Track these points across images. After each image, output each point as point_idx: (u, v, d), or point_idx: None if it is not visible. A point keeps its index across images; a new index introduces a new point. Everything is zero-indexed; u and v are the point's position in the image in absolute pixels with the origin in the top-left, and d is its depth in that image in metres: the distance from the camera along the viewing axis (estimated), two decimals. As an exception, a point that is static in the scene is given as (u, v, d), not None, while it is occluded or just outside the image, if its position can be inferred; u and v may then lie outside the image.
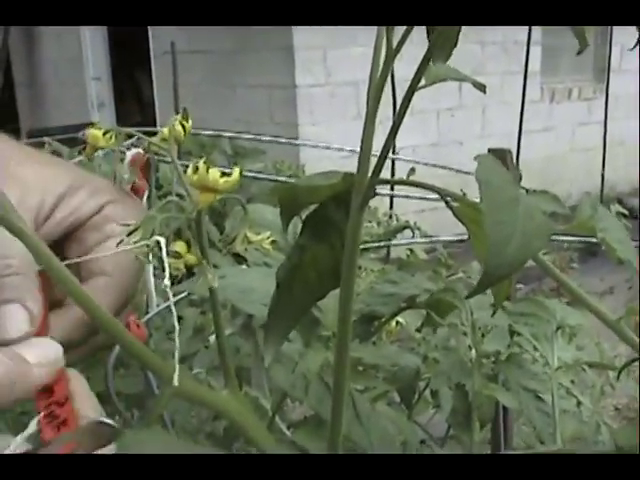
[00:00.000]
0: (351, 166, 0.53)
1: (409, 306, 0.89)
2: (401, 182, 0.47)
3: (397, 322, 1.11)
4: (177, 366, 0.47)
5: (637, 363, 0.57)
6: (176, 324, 0.44)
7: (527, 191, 0.41)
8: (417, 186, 0.47)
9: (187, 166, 0.54)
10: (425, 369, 1.11)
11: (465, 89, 6.40)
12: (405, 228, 1.15)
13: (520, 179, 0.39)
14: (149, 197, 0.81)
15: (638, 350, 0.50)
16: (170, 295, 0.43)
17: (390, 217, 2.59)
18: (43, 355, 0.47)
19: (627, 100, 7.15)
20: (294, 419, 1.21)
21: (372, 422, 0.65)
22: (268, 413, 0.77)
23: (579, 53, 0.41)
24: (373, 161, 0.48)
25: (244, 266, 0.88)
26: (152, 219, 0.44)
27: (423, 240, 1.33)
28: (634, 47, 0.41)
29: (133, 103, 8.44)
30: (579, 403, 1.19)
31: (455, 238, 1.24)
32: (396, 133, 0.44)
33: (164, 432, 0.50)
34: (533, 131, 6.38)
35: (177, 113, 0.58)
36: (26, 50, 8.31)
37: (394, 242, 1.18)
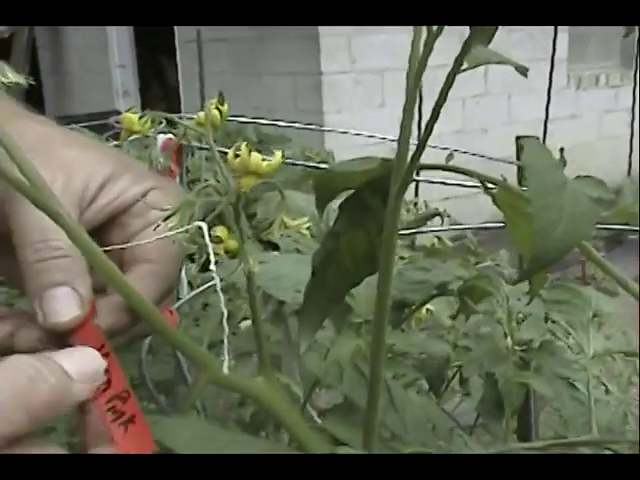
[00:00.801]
0: (377, 154, 0.52)
1: (440, 293, 0.89)
2: (441, 167, 0.47)
3: (427, 309, 1.10)
4: (226, 355, 0.46)
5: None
6: (224, 310, 0.43)
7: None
8: (457, 172, 0.47)
9: (221, 152, 0.53)
10: (454, 357, 1.11)
11: (491, 76, 6.36)
12: (435, 215, 1.14)
13: (565, 165, 0.39)
14: (180, 182, 0.81)
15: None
16: (217, 280, 0.43)
17: (415, 205, 2.59)
18: (85, 368, 0.44)
19: (654, 87, 7.08)
20: (321, 407, 1.21)
21: (407, 408, 0.64)
22: (299, 400, 0.77)
23: (625, 36, 0.40)
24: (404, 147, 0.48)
25: (275, 253, 0.88)
26: (190, 204, 0.44)
27: (452, 227, 1.33)
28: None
29: (158, 91, 8.47)
30: (607, 392, 1.18)
31: (484, 225, 1.23)
32: (437, 118, 0.44)
33: (200, 419, 0.50)
34: (559, 118, 6.35)
35: (203, 101, 0.57)
36: (51, 38, 8.34)
37: (426, 229, 1.17)
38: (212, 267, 0.42)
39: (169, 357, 1.15)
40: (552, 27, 5.24)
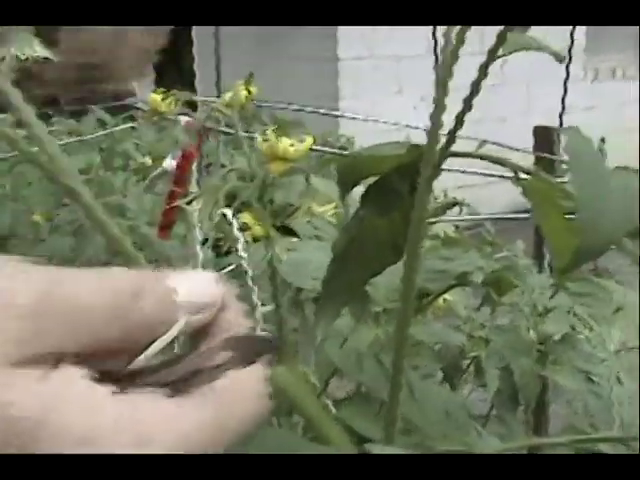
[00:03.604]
0: (392, 140, 0.51)
1: (460, 283, 0.87)
2: (473, 155, 0.45)
3: (444, 299, 1.09)
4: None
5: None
6: (255, 299, 0.42)
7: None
8: (487, 160, 0.46)
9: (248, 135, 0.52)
10: (470, 348, 1.10)
11: (509, 65, 6.32)
12: (454, 205, 1.13)
13: (605, 156, 0.37)
14: (198, 167, 0.80)
15: None
16: (246, 266, 0.42)
17: (432, 193, 2.57)
18: (197, 294, 0.39)
19: (672, 80, 7.06)
20: (334, 395, 1.20)
21: (428, 401, 0.63)
22: (315, 389, 0.75)
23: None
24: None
25: (294, 239, 0.87)
26: (215, 188, 0.42)
27: (471, 217, 1.31)
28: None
29: (173, 73, 8.45)
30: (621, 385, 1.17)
31: (504, 216, 1.22)
32: (470, 106, 0.43)
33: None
34: (576, 109, 6.31)
35: (219, 83, 0.56)
36: (68, 18, 8.31)
37: (447, 218, 1.16)
38: (242, 254, 0.41)
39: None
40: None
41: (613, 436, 0.62)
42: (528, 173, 0.44)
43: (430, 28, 0.45)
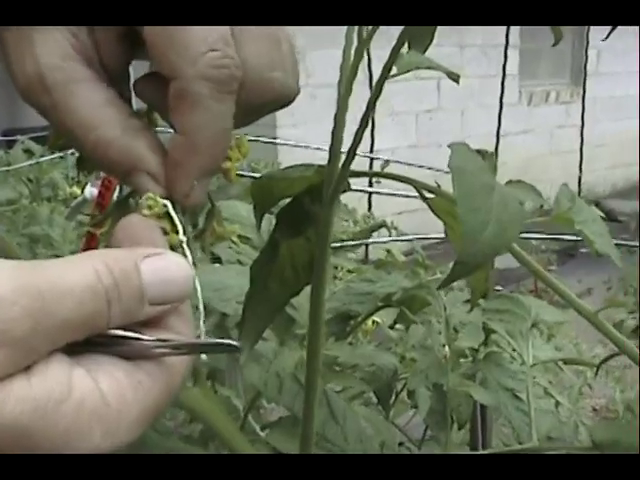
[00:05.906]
0: None
1: (386, 305, 0.88)
2: (376, 174, 0.46)
3: (373, 321, 1.09)
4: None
5: (615, 362, 0.57)
6: (198, 287, 0.40)
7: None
8: (392, 178, 0.46)
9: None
10: (402, 369, 1.10)
11: (444, 91, 6.41)
12: (381, 227, 1.14)
13: (495, 168, 0.38)
14: (121, 190, 0.80)
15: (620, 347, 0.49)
16: (188, 252, 0.40)
17: (368, 217, 2.60)
18: (167, 295, 0.37)
19: (605, 103, 7.21)
20: (272, 420, 1.20)
21: (348, 421, 0.64)
22: (241, 413, 0.75)
23: (554, 45, 0.40)
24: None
25: (217, 265, 0.87)
26: (124, 202, 0.42)
27: (400, 238, 1.32)
28: None
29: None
30: (557, 403, 1.19)
31: (434, 237, 1.23)
32: (367, 123, 0.43)
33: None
34: (511, 134, 6.42)
35: (150, 113, 0.55)
36: (3, 51, 8.22)
37: (371, 240, 1.17)
38: (182, 237, 0.40)
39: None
40: (504, 44, 5.29)
41: (528, 447, 0.63)
42: (431, 190, 0.45)
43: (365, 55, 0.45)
